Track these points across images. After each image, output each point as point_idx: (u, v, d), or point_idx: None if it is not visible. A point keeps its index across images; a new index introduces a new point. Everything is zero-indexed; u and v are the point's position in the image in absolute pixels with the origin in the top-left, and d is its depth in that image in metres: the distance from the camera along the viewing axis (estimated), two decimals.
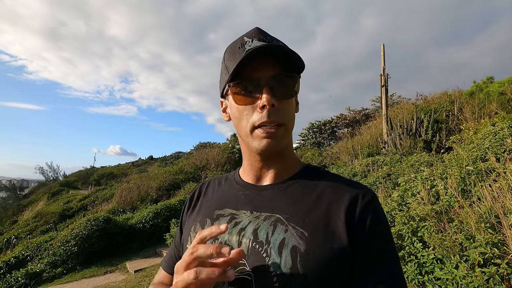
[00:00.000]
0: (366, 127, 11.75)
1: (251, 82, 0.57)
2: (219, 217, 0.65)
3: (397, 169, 5.56)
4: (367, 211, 0.55)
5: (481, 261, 1.98)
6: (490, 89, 9.17)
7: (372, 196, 0.58)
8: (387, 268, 0.52)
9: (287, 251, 0.52)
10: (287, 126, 0.60)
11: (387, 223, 0.57)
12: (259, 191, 0.65)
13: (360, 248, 0.53)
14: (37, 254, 7.58)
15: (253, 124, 0.58)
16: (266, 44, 0.55)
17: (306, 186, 0.62)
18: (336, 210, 0.56)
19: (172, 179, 13.45)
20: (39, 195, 25.76)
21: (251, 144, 0.60)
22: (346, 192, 0.58)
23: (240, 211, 0.63)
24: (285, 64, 0.58)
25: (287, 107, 0.59)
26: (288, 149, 0.66)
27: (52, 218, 14.06)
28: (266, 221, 0.58)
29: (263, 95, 0.56)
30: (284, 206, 0.59)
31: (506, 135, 3.52)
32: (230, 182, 0.73)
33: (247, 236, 0.57)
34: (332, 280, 0.51)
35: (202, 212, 0.70)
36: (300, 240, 0.53)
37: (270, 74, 0.57)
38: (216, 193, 0.73)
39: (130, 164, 37.00)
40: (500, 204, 2.31)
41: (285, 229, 0.55)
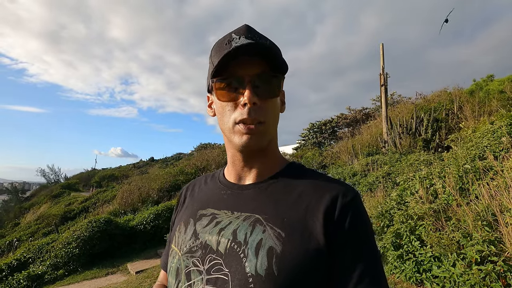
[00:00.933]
0: (366, 127, 11.75)
1: (235, 78, 0.58)
2: (201, 217, 0.65)
3: (396, 168, 5.57)
4: (346, 211, 0.54)
5: (478, 259, 1.99)
6: (490, 87, 9.16)
7: (353, 196, 0.57)
8: (367, 269, 0.51)
9: (264, 252, 0.52)
10: (268, 124, 0.60)
11: (368, 223, 0.57)
12: (240, 190, 0.65)
13: (338, 249, 0.52)
14: (39, 256, 7.61)
15: (234, 120, 0.59)
16: (252, 42, 0.55)
17: (287, 185, 0.62)
18: (314, 210, 0.55)
19: (173, 180, 13.46)
20: (40, 198, 25.82)
21: (232, 140, 0.61)
22: (327, 191, 0.57)
23: (221, 211, 0.63)
24: (270, 63, 0.58)
25: (269, 106, 0.60)
26: (271, 147, 0.66)
27: (53, 220, 14.09)
28: (245, 221, 0.58)
29: (246, 93, 0.56)
30: (264, 206, 0.59)
31: (504, 133, 3.52)
32: (214, 181, 0.73)
33: (226, 236, 0.57)
34: (307, 281, 0.50)
35: (187, 212, 0.71)
36: (277, 241, 0.53)
37: (255, 73, 0.57)
38: (201, 193, 0.73)
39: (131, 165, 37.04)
40: (497, 202, 2.32)
41: (263, 230, 0.55)
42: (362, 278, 0.50)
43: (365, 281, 0.50)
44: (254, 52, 0.56)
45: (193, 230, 0.64)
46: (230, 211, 0.62)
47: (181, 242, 0.64)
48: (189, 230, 0.65)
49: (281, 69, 0.60)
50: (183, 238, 0.65)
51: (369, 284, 0.50)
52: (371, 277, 0.51)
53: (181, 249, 0.63)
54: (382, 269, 0.53)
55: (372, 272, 0.51)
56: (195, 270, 0.58)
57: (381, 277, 0.52)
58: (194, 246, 0.61)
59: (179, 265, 0.61)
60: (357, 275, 0.51)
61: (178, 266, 0.61)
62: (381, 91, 8.95)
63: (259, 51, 0.57)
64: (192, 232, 0.64)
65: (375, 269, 0.52)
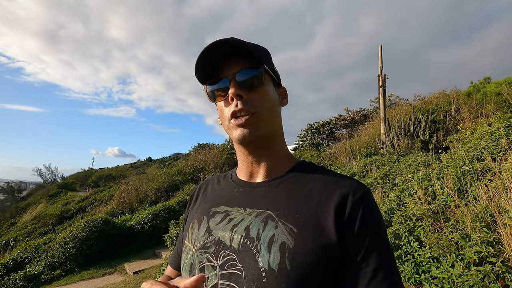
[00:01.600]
0: (364, 128, 11.78)
1: (222, 80, 0.63)
2: (214, 214, 0.67)
3: (394, 169, 5.59)
4: (357, 207, 0.55)
5: (476, 259, 2.00)
6: (487, 89, 9.22)
7: (364, 192, 0.58)
8: (380, 265, 0.51)
9: (276, 247, 0.53)
10: (259, 114, 0.62)
11: (380, 219, 0.57)
12: (252, 188, 0.67)
13: (350, 244, 0.53)
14: (35, 256, 7.56)
15: (228, 116, 0.63)
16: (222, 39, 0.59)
17: (298, 182, 0.63)
18: (326, 206, 0.56)
19: (170, 180, 13.43)
20: (37, 197, 25.67)
21: (232, 136, 0.64)
22: (338, 188, 0.58)
23: (234, 208, 0.65)
24: (249, 59, 0.63)
25: (257, 97, 0.63)
26: (276, 142, 0.68)
27: (50, 220, 14.01)
28: (257, 217, 0.59)
29: (230, 88, 0.61)
30: (275, 203, 0.60)
31: (501, 135, 3.55)
32: (227, 180, 0.75)
33: (239, 233, 0.59)
34: (319, 276, 0.51)
35: (200, 209, 0.73)
36: (289, 236, 0.54)
37: (235, 69, 0.62)
38: (214, 191, 0.75)
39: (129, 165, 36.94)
40: (496, 204, 2.33)
41: (275, 226, 0.56)
42: (376, 274, 0.51)
43: (378, 276, 0.51)
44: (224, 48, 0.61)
45: (207, 226, 0.65)
46: (243, 208, 0.63)
47: (195, 239, 0.66)
48: (203, 227, 0.66)
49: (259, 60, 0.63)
50: (196, 235, 0.66)
51: (383, 279, 0.51)
52: (384, 272, 0.51)
53: (194, 245, 0.65)
54: (395, 264, 0.54)
55: (385, 267, 0.52)
56: (209, 265, 0.59)
57: (394, 272, 0.52)
58: (208, 242, 0.62)
59: (192, 260, 0.63)
60: (370, 270, 0.51)
61: (192, 261, 0.63)
62: (379, 93, 8.98)
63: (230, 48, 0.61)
64: (205, 229, 0.65)
65: (388, 264, 0.53)
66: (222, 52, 0.61)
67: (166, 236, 6.21)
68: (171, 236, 5.94)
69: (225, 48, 0.60)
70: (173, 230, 5.97)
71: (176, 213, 8.28)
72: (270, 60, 0.70)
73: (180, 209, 8.67)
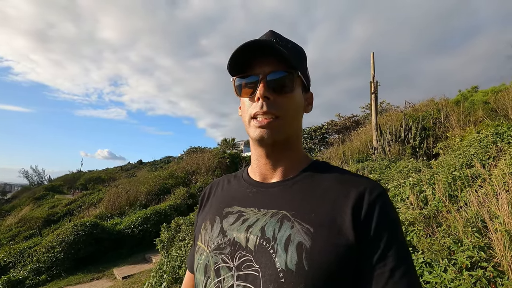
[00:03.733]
0: (356, 134, 11.93)
1: (252, 76, 0.62)
2: (227, 215, 0.66)
3: (386, 175, 5.66)
4: (374, 207, 0.55)
5: (468, 264, 2.03)
6: (475, 98, 9.49)
7: (380, 191, 0.58)
8: (397, 264, 0.51)
9: (293, 247, 0.53)
10: (283, 119, 0.62)
11: (396, 218, 0.57)
12: (266, 188, 0.66)
13: (368, 244, 0.53)
14: (20, 260, 7.32)
15: (250, 115, 0.63)
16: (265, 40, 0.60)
17: (312, 182, 0.63)
18: (342, 206, 0.56)
19: (162, 183, 13.26)
20: (22, 200, 24.94)
21: (250, 133, 0.64)
22: (353, 187, 0.58)
23: (248, 209, 0.64)
24: (286, 62, 0.62)
25: (284, 101, 0.62)
26: (294, 145, 0.68)
27: (36, 224, 13.62)
28: (273, 218, 0.59)
29: (259, 88, 0.61)
30: (290, 203, 0.60)
31: (490, 142, 3.64)
32: (238, 180, 0.75)
33: (254, 233, 0.59)
34: (337, 275, 0.51)
35: (212, 210, 0.71)
36: (306, 236, 0.54)
37: (270, 70, 0.61)
38: (225, 192, 0.74)
39: (119, 168, 36.34)
40: (486, 209, 2.38)
41: (291, 226, 0.56)
42: (393, 273, 0.51)
43: (396, 275, 0.51)
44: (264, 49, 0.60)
45: (220, 227, 0.65)
46: (257, 209, 0.63)
47: (208, 240, 0.65)
48: (216, 228, 0.65)
49: (295, 66, 0.62)
50: (210, 236, 0.65)
51: (400, 278, 0.51)
52: (402, 272, 0.51)
53: (208, 246, 0.64)
54: (412, 264, 0.54)
55: (403, 267, 0.52)
56: (225, 266, 0.58)
57: (411, 272, 0.52)
58: (223, 243, 0.62)
59: (207, 261, 0.62)
60: (388, 270, 0.51)
61: (206, 262, 0.62)
62: (371, 99, 9.12)
63: (269, 48, 0.60)
64: (219, 230, 0.64)
65: (405, 263, 0.53)
66: (257, 50, 0.61)
67: (157, 241, 6.11)
68: (162, 240, 5.85)
69: (261, 47, 0.60)
70: (164, 234, 5.88)
71: (168, 217, 8.17)
72: (304, 64, 0.69)
73: (172, 212, 8.55)
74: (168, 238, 5.82)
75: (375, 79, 9.08)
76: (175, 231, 5.92)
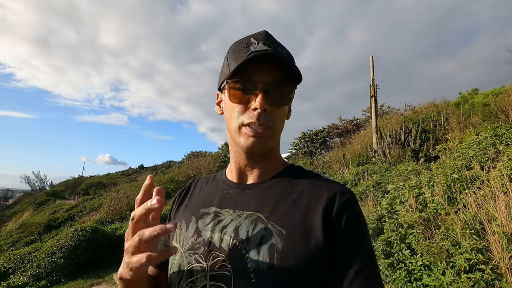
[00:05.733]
0: (356, 137, 11.93)
1: (249, 83, 0.59)
2: (203, 215, 0.66)
3: (386, 177, 5.64)
4: (343, 211, 0.57)
5: (467, 267, 2.02)
6: (475, 100, 9.49)
7: (349, 196, 0.59)
8: (362, 266, 0.53)
9: (265, 248, 0.54)
10: (275, 130, 0.62)
11: (364, 223, 0.59)
12: (242, 190, 0.67)
13: (336, 246, 0.54)
14: (20, 266, 7.30)
15: (242, 122, 0.61)
16: (269, 50, 0.57)
17: (287, 186, 0.64)
18: (314, 209, 0.57)
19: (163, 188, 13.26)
20: (24, 205, 24.98)
21: (239, 141, 0.62)
22: (325, 191, 0.59)
23: (224, 210, 0.65)
24: (285, 72, 0.60)
25: (278, 113, 0.62)
26: (274, 151, 0.69)
27: (37, 229, 13.61)
28: (247, 219, 0.60)
29: (258, 98, 0.58)
30: (265, 205, 0.61)
31: (489, 144, 3.63)
32: (216, 181, 0.75)
33: (228, 234, 0.59)
34: (307, 276, 0.52)
35: (188, 209, 0.72)
36: (278, 238, 0.55)
37: (269, 80, 0.59)
38: (203, 192, 0.75)
39: (120, 173, 36.38)
40: (484, 211, 2.37)
41: (264, 227, 0.57)
42: (358, 274, 0.52)
43: (360, 277, 0.52)
44: (270, 60, 0.58)
45: (195, 227, 0.65)
46: (232, 210, 0.64)
47: (183, 239, 0.65)
48: (191, 228, 0.66)
49: (295, 79, 0.62)
50: (184, 235, 0.66)
51: (364, 279, 0.52)
52: (366, 274, 0.53)
53: (183, 246, 0.64)
54: (377, 267, 0.56)
55: (367, 269, 0.53)
56: (198, 266, 0.59)
57: (375, 274, 0.54)
58: (197, 243, 0.62)
59: (181, 261, 0.62)
60: (353, 271, 0.53)
61: (180, 262, 0.62)
62: (371, 102, 9.14)
63: (275, 59, 0.58)
64: (194, 230, 0.65)
65: (370, 266, 0.54)
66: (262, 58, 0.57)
67: None
68: None
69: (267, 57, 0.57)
70: None
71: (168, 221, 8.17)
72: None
73: None
74: None
75: (374, 82, 9.11)
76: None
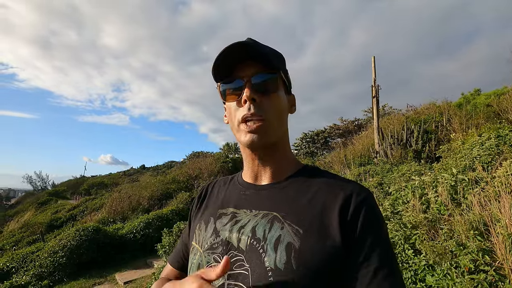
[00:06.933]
0: (358, 137, 11.91)
1: (237, 80, 0.63)
2: (221, 216, 0.68)
3: (388, 178, 5.63)
4: (360, 209, 0.57)
5: (472, 268, 2.01)
6: (477, 101, 9.45)
7: (366, 195, 0.59)
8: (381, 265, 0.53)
9: (282, 247, 0.55)
10: (270, 121, 0.63)
11: (381, 220, 0.59)
12: (258, 190, 0.68)
13: (353, 245, 0.54)
14: (22, 266, 7.32)
15: (239, 119, 0.63)
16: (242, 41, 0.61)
17: (302, 185, 0.65)
18: (330, 208, 0.58)
19: (164, 188, 13.27)
20: (26, 205, 25.05)
21: (240, 139, 0.65)
22: (341, 190, 0.60)
23: (241, 210, 0.66)
24: (267, 64, 0.63)
25: (270, 102, 0.63)
26: (283, 147, 0.70)
27: (39, 229, 13.64)
28: (264, 219, 0.61)
29: (244, 90, 0.61)
30: (281, 205, 0.62)
31: (492, 144, 3.62)
32: (233, 182, 0.77)
33: (246, 234, 0.61)
34: (324, 275, 0.53)
35: (207, 211, 0.74)
36: (295, 237, 0.55)
37: (252, 72, 0.62)
38: (220, 193, 0.77)
39: (122, 173, 36.43)
40: (488, 212, 2.36)
41: (281, 227, 0.58)
42: (377, 273, 0.52)
43: (379, 275, 0.52)
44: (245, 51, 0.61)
45: (214, 228, 0.67)
46: (249, 210, 0.65)
47: (202, 240, 0.67)
48: (210, 228, 0.67)
49: (275, 66, 0.64)
50: (203, 236, 0.67)
51: (384, 278, 0.52)
52: (386, 272, 0.53)
53: (202, 246, 0.66)
54: (396, 264, 0.55)
55: (387, 267, 0.53)
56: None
57: (395, 272, 0.54)
58: (215, 243, 0.63)
59: (200, 261, 0.64)
60: (372, 270, 0.52)
61: (199, 262, 0.64)
62: (372, 103, 9.11)
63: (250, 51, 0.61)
64: (212, 230, 0.66)
65: (389, 264, 0.54)
66: (240, 54, 0.61)
67: (158, 246, 6.10)
68: (163, 245, 5.84)
69: (243, 51, 0.61)
70: (166, 239, 5.87)
71: (169, 221, 8.16)
72: (284, 66, 0.71)
73: (174, 217, 8.53)
74: (169, 243, 5.81)
75: (376, 82, 9.09)
76: (176, 236, 5.91)
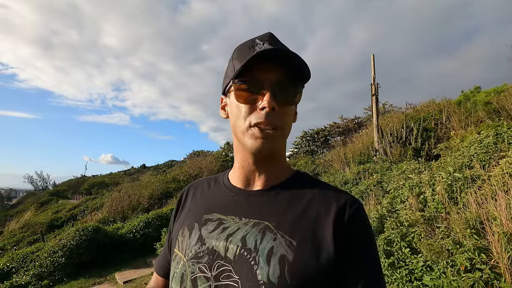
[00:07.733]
0: (358, 136, 11.90)
1: (255, 82, 0.58)
2: (207, 222, 0.64)
3: (387, 176, 5.62)
4: (353, 221, 0.56)
5: (468, 266, 2.01)
6: (477, 98, 9.41)
7: (358, 206, 0.59)
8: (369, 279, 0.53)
9: (276, 260, 0.53)
10: (283, 131, 0.60)
11: (371, 232, 0.59)
12: (248, 196, 0.64)
13: (346, 257, 0.54)
14: (22, 266, 7.35)
15: (250, 123, 0.58)
16: (275, 48, 0.56)
17: (295, 194, 0.62)
18: (324, 219, 0.56)
19: (164, 187, 13.29)
20: (27, 205, 25.12)
21: (246, 143, 0.60)
22: (335, 201, 0.59)
23: (228, 217, 0.62)
24: (292, 71, 0.59)
25: (286, 113, 0.60)
26: (280, 155, 0.67)
27: (40, 229, 13.68)
28: (254, 228, 0.58)
29: (265, 97, 0.56)
30: (273, 214, 0.59)
31: (491, 142, 3.61)
32: (219, 185, 0.72)
33: (234, 243, 0.57)
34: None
35: (190, 215, 0.69)
36: (289, 249, 0.53)
37: (275, 79, 0.58)
38: (204, 196, 0.72)
39: (122, 172, 36.49)
40: (485, 211, 2.36)
41: (273, 237, 0.55)
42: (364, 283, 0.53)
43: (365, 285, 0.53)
44: (275, 58, 0.57)
45: (199, 235, 0.62)
46: (238, 217, 0.61)
47: (186, 247, 0.63)
48: (194, 235, 0.63)
49: (302, 77, 0.60)
50: (187, 243, 0.63)
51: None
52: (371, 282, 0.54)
53: (186, 255, 0.62)
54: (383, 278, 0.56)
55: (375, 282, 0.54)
56: (202, 276, 0.57)
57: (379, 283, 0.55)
58: (200, 252, 0.60)
59: (184, 271, 0.60)
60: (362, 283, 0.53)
61: (183, 272, 0.60)
62: (372, 101, 9.10)
63: (281, 58, 0.57)
64: (197, 237, 0.62)
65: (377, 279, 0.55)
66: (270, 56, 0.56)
67: (157, 245, 6.11)
68: (162, 244, 5.84)
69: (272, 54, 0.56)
70: (165, 238, 5.88)
71: (169, 221, 8.18)
72: None
73: None
74: None
75: (375, 80, 9.07)
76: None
